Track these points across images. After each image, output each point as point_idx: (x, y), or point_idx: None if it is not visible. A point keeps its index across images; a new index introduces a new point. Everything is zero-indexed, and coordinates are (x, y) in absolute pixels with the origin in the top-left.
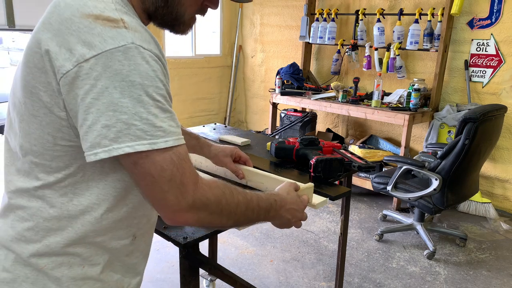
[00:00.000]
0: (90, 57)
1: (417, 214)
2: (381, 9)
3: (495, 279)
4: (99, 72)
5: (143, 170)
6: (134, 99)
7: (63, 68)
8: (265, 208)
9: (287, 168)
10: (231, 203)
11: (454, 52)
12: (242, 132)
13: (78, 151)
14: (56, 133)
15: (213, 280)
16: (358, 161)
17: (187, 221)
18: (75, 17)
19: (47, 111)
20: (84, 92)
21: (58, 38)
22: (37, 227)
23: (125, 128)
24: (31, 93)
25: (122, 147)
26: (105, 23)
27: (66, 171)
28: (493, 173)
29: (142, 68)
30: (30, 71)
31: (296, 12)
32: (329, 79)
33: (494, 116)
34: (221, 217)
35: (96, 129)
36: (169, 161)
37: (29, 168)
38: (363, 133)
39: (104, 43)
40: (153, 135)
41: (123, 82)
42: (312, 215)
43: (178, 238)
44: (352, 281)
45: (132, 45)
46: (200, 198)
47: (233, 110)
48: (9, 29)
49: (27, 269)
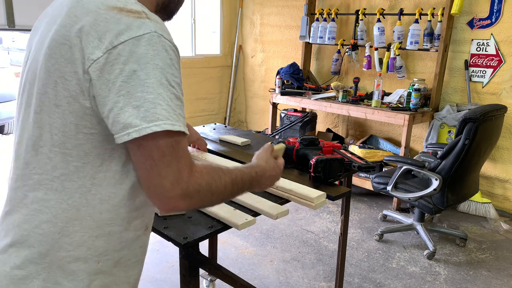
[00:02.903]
0: (117, 44)
1: (417, 214)
2: (381, 9)
3: (495, 279)
4: (127, 57)
5: (146, 152)
6: (157, 80)
7: (93, 55)
8: (248, 182)
9: (287, 168)
10: (219, 185)
11: (454, 52)
12: (242, 132)
13: (98, 139)
14: (79, 121)
15: (213, 280)
16: (358, 161)
17: (179, 207)
18: (100, 10)
19: (71, 100)
20: (114, 76)
21: (86, 29)
22: (56, 218)
23: (151, 108)
24: (56, 83)
25: (151, 126)
26: (129, 14)
27: (85, 160)
28: (493, 173)
29: (162, 55)
30: (56, 61)
31: (296, 12)
32: (329, 79)
33: (494, 116)
34: (211, 199)
35: (128, 110)
36: (170, 147)
37: (47, 159)
38: (363, 133)
39: (130, 31)
40: (170, 117)
41: (148, 65)
42: (312, 215)
43: (178, 238)
44: (352, 281)
45: (155, 34)
46: (193, 185)
47: (233, 110)
48: (9, 29)
49: (39, 266)
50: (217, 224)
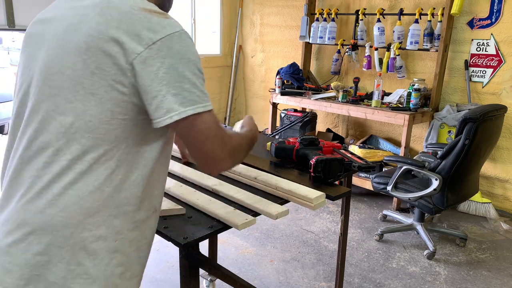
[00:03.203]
0: (156, 40)
1: (417, 214)
2: (381, 9)
3: (495, 279)
4: (165, 52)
5: (197, 129)
6: (191, 72)
7: (136, 50)
8: (251, 138)
9: (287, 168)
10: (244, 144)
11: (454, 52)
12: None
13: (129, 124)
14: (115, 108)
15: (213, 280)
16: (358, 161)
17: (227, 167)
18: (134, 10)
19: (109, 88)
20: (156, 68)
21: (124, 26)
22: (83, 200)
23: (188, 95)
24: (92, 74)
25: (187, 110)
26: (159, 15)
27: (115, 143)
28: (493, 173)
29: (192, 49)
30: (93, 54)
31: (296, 12)
32: (329, 79)
33: (494, 116)
34: (241, 156)
35: (169, 98)
36: (212, 121)
37: (79, 145)
38: (363, 133)
39: (164, 29)
40: (204, 100)
41: (183, 59)
42: (312, 215)
43: (178, 238)
44: (352, 281)
45: (183, 31)
46: (234, 145)
47: (233, 110)
48: (9, 29)
49: (63, 250)
50: (217, 224)
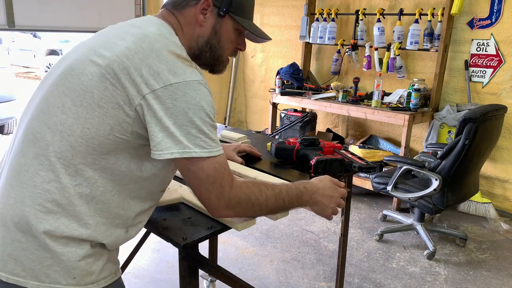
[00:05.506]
0: (174, 83)
1: (417, 214)
2: (381, 9)
3: (495, 279)
4: (180, 95)
5: (194, 174)
6: (201, 119)
7: (152, 86)
8: (295, 195)
9: (287, 169)
10: (260, 198)
11: (454, 52)
12: (242, 132)
13: (124, 144)
14: (116, 125)
15: (213, 280)
16: (359, 161)
17: (227, 215)
18: (163, 50)
19: (116, 106)
20: (167, 107)
21: (149, 61)
22: (62, 199)
23: (193, 139)
24: (105, 89)
25: (189, 151)
26: (184, 62)
27: (105, 156)
28: (493, 173)
29: (207, 98)
30: (113, 73)
31: (296, 12)
32: (329, 79)
33: (494, 116)
34: (254, 210)
35: (174, 137)
36: (213, 168)
37: (69, 147)
38: (363, 133)
39: (184, 75)
40: (209, 146)
41: (196, 106)
42: (312, 215)
43: (177, 239)
44: (352, 281)
45: (202, 81)
46: (234, 198)
47: (233, 110)
48: (9, 29)
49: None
50: (217, 224)
